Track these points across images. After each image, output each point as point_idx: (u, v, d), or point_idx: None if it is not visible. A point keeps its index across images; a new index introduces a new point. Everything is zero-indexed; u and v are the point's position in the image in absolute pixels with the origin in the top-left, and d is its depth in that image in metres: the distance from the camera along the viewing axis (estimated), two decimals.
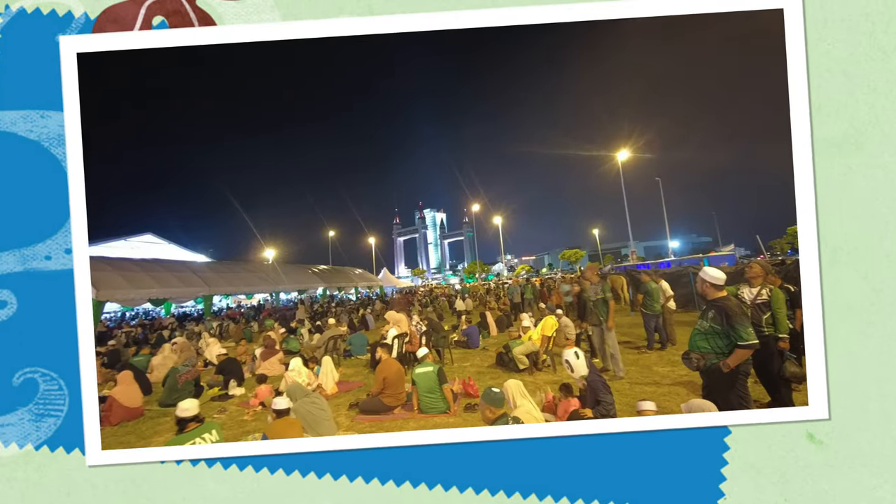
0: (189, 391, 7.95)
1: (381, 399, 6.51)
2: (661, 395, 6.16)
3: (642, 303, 9.32)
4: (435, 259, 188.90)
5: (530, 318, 10.37)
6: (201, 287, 21.42)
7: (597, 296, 7.61)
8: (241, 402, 7.84)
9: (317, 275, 33.74)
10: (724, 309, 4.14)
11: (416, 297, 31.93)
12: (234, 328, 18.17)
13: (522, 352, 8.26)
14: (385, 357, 7.08)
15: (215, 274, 23.95)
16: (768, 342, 4.90)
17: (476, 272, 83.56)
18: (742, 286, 5.40)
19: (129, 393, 7.34)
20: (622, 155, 35.62)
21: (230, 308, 35.53)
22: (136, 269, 19.81)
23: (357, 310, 24.72)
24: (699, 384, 4.64)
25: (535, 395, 5.54)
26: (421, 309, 22.46)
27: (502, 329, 13.50)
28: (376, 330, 16.65)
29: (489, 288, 40.15)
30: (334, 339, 10.80)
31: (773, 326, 5.03)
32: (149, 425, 6.93)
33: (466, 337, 11.58)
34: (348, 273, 40.17)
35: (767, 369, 4.96)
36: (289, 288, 30.18)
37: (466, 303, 22.54)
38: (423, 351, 6.95)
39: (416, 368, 6.49)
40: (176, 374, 8.10)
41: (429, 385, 6.30)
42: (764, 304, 5.12)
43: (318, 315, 22.66)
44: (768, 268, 5.45)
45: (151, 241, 44.09)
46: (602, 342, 7.62)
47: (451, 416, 6.15)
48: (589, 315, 7.83)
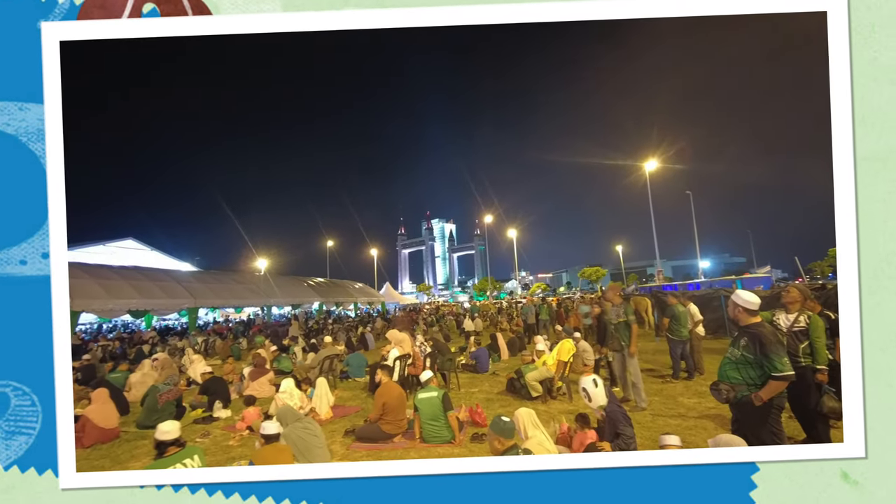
0: (170, 412, 7.96)
1: (380, 426, 6.51)
2: (687, 429, 6.13)
3: (668, 327, 9.30)
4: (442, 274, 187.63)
5: (545, 341, 10.35)
6: (186, 298, 21.53)
7: (619, 318, 7.60)
8: (226, 425, 7.86)
9: (313, 288, 33.80)
10: (757, 336, 4.13)
11: (420, 316, 31.93)
12: (221, 344, 18.21)
13: (536, 378, 8.25)
14: (385, 380, 7.09)
15: (202, 285, 24.08)
16: (805, 374, 4.87)
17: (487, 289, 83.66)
18: (778, 312, 5.39)
19: (103, 412, 7.37)
20: (650, 165, 35.76)
21: (217, 322, 35.67)
22: (115, 277, 19.96)
23: (356, 327, 24.74)
24: (728, 418, 4.62)
25: (549, 426, 5.54)
26: (426, 328, 22.43)
27: (514, 352, 13.48)
28: (376, 350, 16.64)
29: (501, 307, 40.11)
30: (330, 359, 10.81)
31: (810, 357, 5.00)
32: (125, 448, 6.95)
33: (475, 360, 11.57)
34: (347, 287, 40.25)
35: (803, 404, 4.94)
36: (282, 302, 30.26)
37: (476, 323, 22.54)
38: (427, 374, 6.95)
39: (419, 393, 6.49)
40: (156, 393, 8.12)
41: (432, 412, 6.29)
42: (801, 332, 5.10)
43: (313, 332, 22.68)
44: (807, 292, 5.43)
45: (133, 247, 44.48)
46: (623, 369, 7.61)
47: (455, 446, 6.14)
48: (609, 339, 7.81)
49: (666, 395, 8.00)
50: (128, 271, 21.50)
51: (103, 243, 42.98)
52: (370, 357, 13.13)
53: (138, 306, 19.03)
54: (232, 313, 41.62)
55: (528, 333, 17.49)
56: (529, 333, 17.40)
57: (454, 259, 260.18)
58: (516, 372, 8.80)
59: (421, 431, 6.35)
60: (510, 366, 11.46)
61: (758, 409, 4.04)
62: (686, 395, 7.94)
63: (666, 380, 9.06)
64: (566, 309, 24.57)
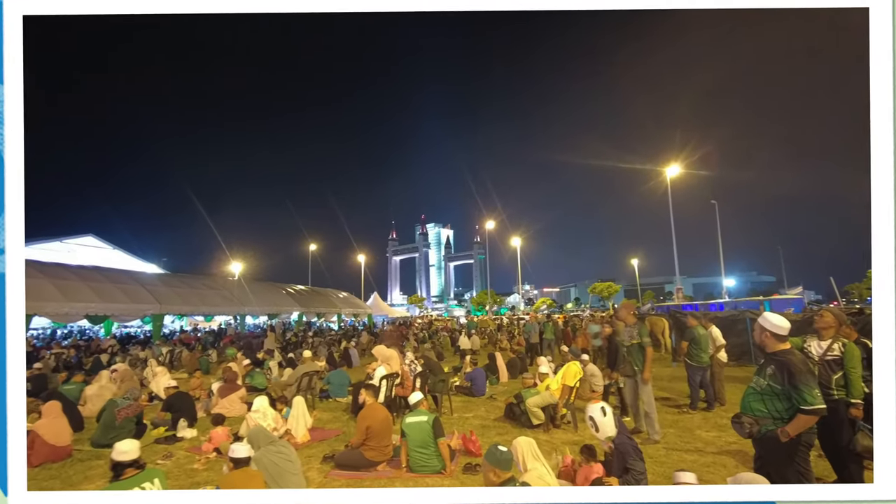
0: (129, 430, 7.94)
1: (363, 452, 6.48)
2: (704, 466, 6.13)
3: (687, 352, 9.31)
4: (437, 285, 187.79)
5: (549, 362, 10.35)
6: (150, 304, 21.50)
7: (632, 340, 7.60)
8: (191, 446, 7.82)
9: (292, 296, 33.77)
10: (786, 365, 4.12)
11: (411, 331, 31.92)
12: (188, 356, 18.19)
13: (538, 403, 8.25)
14: (370, 401, 7.07)
15: (168, 289, 24.06)
16: (838, 408, 4.87)
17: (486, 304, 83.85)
18: (810, 338, 5.39)
19: (55, 428, 7.33)
20: (672, 170, 35.89)
21: (184, 331, 35.60)
22: (72, 277, 19.93)
23: (339, 342, 24.70)
24: (751, 455, 4.62)
25: (551, 458, 5.52)
26: (417, 345, 22.41)
27: (515, 374, 13.48)
28: (361, 367, 16.61)
29: (501, 324, 40.12)
30: (309, 377, 10.78)
31: (844, 389, 5.00)
32: (77, 469, 6.91)
33: (470, 382, 11.57)
34: (330, 296, 40.21)
35: (835, 441, 4.94)
36: (257, 311, 30.21)
37: (473, 340, 22.51)
38: (416, 396, 6.93)
39: (407, 417, 6.47)
40: (114, 408, 8.09)
41: (421, 438, 6.27)
42: (835, 362, 5.10)
43: (291, 346, 22.65)
44: (842, 317, 5.44)
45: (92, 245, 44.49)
46: (635, 397, 7.60)
47: (446, 476, 6.11)
48: (621, 363, 7.81)
49: (682, 428, 8.00)
50: (86, 272, 21.48)
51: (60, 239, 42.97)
52: (354, 375, 13.11)
53: (97, 311, 19.00)
54: (201, 322, 41.58)
55: (530, 354, 17.51)
56: (532, 354, 17.42)
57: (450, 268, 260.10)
58: (516, 396, 8.78)
59: (408, 460, 6.33)
60: (509, 389, 11.45)
61: (784, 446, 4.03)
62: (704, 428, 7.94)
63: (683, 410, 9.07)
64: (574, 328, 24.64)
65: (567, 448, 6.52)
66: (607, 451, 5.20)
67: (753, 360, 14.12)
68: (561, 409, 8.40)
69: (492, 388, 11.97)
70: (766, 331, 4.30)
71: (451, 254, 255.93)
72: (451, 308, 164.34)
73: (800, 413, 3.94)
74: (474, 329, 29.24)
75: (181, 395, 9.12)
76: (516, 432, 7.82)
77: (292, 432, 7.83)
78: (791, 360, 4.10)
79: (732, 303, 26.95)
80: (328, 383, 11.65)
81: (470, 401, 10.81)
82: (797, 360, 4.12)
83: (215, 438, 7.40)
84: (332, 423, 9.13)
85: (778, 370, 4.11)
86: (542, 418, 8.19)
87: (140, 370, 14.52)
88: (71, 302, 17.98)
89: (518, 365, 14.15)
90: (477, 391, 11.33)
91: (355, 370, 16.31)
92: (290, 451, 5.65)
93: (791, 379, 4.00)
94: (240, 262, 56.29)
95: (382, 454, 6.53)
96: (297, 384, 10.52)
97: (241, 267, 55.54)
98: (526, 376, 9.93)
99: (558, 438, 7.63)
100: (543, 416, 8.18)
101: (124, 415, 8.07)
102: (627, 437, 5.16)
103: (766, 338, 4.32)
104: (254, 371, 13.35)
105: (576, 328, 24.55)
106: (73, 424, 7.94)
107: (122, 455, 4.15)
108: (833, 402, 4.78)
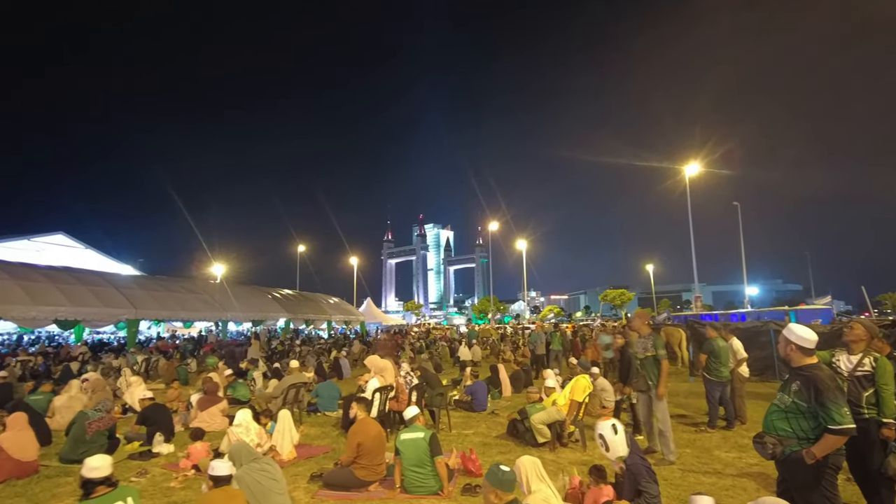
0: (100, 444, 7.93)
1: (354, 471, 6.48)
2: (723, 490, 6.13)
3: (705, 365, 9.30)
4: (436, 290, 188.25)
5: (556, 376, 10.38)
6: (125, 308, 21.49)
7: (646, 352, 7.60)
8: (168, 463, 7.83)
9: (278, 301, 33.73)
10: (812, 380, 4.10)
11: (407, 340, 31.92)
12: (166, 365, 18.18)
13: (543, 420, 8.24)
14: (362, 416, 7.07)
15: (145, 292, 24.03)
16: (868, 428, 4.86)
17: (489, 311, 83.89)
18: (839, 352, 5.39)
19: (20, 441, 7.33)
20: (691, 169, 35.84)
21: (161, 338, 35.59)
22: (40, 279, 19.93)
23: (328, 351, 24.71)
24: (773, 478, 4.62)
25: (557, 479, 5.53)
26: (413, 355, 22.41)
27: (519, 388, 13.49)
28: (352, 379, 16.63)
29: (504, 333, 40.12)
30: (296, 389, 10.79)
31: (875, 407, 4.98)
32: (44, 486, 6.91)
33: (470, 395, 11.57)
34: (320, 302, 40.20)
35: (865, 464, 4.93)
36: (240, 317, 30.18)
37: (474, 351, 22.52)
38: (412, 411, 6.93)
39: (402, 434, 6.47)
40: (84, 420, 8.09)
41: (417, 456, 6.27)
42: (865, 378, 5.09)
43: (277, 355, 22.63)
44: (874, 330, 5.43)
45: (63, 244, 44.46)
46: (649, 414, 7.60)
47: (443, 498, 6.11)
48: (634, 377, 7.82)
49: (699, 448, 8.00)
50: (56, 273, 21.48)
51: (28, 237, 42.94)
52: (344, 387, 13.12)
53: (67, 315, 19.00)
54: (180, 328, 41.59)
55: (535, 366, 17.51)
56: (538, 366, 17.42)
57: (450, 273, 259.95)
58: (520, 412, 8.79)
59: (402, 479, 6.33)
60: (513, 404, 11.46)
61: (809, 469, 4.03)
62: (724, 448, 7.95)
63: (700, 428, 9.06)
64: (583, 338, 24.68)
65: (575, 468, 6.52)
66: (618, 473, 5.20)
67: (777, 376, 14.14)
68: (568, 426, 8.40)
69: (494, 403, 11.98)
70: (792, 343, 4.28)
71: (450, 257, 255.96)
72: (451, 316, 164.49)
73: (827, 433, 3.93)
74: (475, 339, 29.27)
75: (157, 408, 9.11)
76: (520, 451, 7.82)
77: (277, 448, 7.83)
78: (818, 376, 4.09)
79: (755, 313, 26.98)
80: (317, 396, 11.65)
81: (470, 416, 10.82)
82: (825, 376, 4.10)
83: (194, 454, 7.40)
84: (320, 440, 9.14)
85: (804, 386, 4.09)
86: (547, 436, 8.18)
87: (113, 380, 14.51)
88: (39, 305, 17.98)
89: (522, 378, 14.15)
90: (478, 406, 11.33)
91: (346, 382, 16.33)
92: (274, 468, 5.65)
93: (818, 396, 3.98)
94: (222, 264, 56.34)
95: (375, 473, 6.53)
96: (283, 397, 10.53)
97: (224, 269, 55.59)
98: (531, 390, 9.93)
99: (565, 458, 7.63)
100: (549, 434, 8.18)
101: (95, 428, 8.06)
102: (640, 457, 5.15)
103: (791, 351, 4.30)
104: (236, 382, 13.36)
105: (585, 339, 24.59)
106: (39, 438, 7.93)
107: (92, 472, 4.15)
108: (863, 421, 4.77)
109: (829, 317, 23.51)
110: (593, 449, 7.47)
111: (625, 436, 5.10)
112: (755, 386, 12.30)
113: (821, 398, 3.92)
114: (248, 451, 5.68)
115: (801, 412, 4.06)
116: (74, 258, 40.10)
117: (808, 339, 4.20)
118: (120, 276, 28.26)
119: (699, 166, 35.68)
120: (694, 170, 35.16)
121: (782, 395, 4.25)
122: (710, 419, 9.15)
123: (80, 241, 45.70)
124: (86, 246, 45.88)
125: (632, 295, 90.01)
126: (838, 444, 3.91)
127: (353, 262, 67.97)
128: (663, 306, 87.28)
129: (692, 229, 33.87)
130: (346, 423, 8.95)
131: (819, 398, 3.93)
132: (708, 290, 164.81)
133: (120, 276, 28.26)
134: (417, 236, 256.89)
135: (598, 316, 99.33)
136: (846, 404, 3.94)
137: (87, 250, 45.70)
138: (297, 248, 66.57)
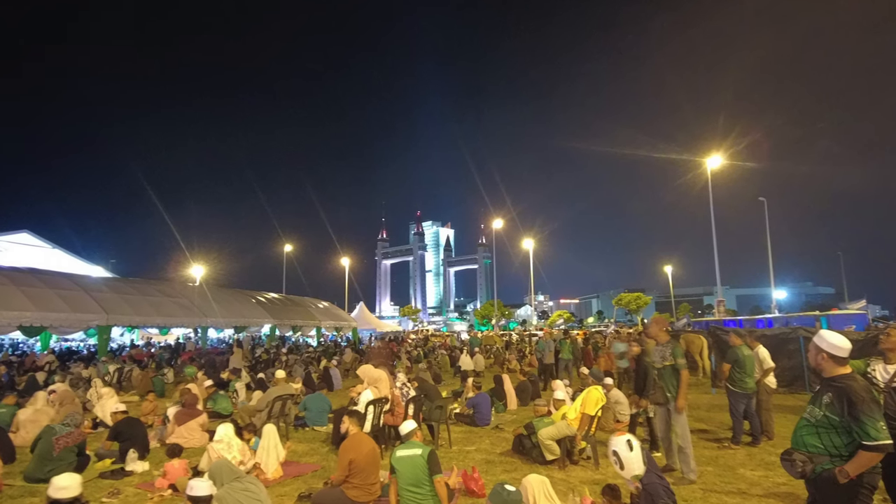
0: (69, 462, 7.93)
1: (345, 491, 6.48)
2: None
3: (729, 376, 9.30)
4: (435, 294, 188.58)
5: (566, 387, 10.37)
6: (96, 313, 21.44)
7: (664, 362, 7.59)
8: (142, 482, 7.82)
9: (263, 306, 33.71)
10: (845, 392, 4.09)
11: (403, 348, 31.89)
12: (140, 375, 18.17)
13: (552, 435, 8.24)
14: (354, 431, 7.06)
15: (117, 295, 24.00)
16: None
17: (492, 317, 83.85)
18: (874, 361, 5.39)
19: None
20: (713, 162, 35.89)
21: (135, 346, 35.54)
22: (3, 281, 19.90)
23: (318, 360, 24.70)
24: (803, 498, 4.62)
25: (567, 499, 5.53)
26: (410, 365, 22.43)
27: (525, 401, 13.48)
28: (344, 391, 16.62)
29: (510, 341, 40.11)
30: (282, 401, 10.79)
31: None
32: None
33: (472, 409, 11.57)
34: (308, 307, 40.15)
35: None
36: (221, 323, 30.11)
37: (476, 360, 22.53)
38: (408, 425, 6.91)
39: (398, 450, 6.45)
40: (51, 435, 8.08)
41: (414, 475, 6.26)
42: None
43: (262, 364, 22.65)
44: None
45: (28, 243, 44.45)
46: (667, 429, 7.60)
47: None
48: (651, 388, 7.82)
49: (722, 465, 8.01)
50: (20, 275, 21.45)
51: None
52: (335, 400, 13.12)
53: (32, 321, 18.97)
54: (155, 335, 41.55)
55: (543, 376, 17.50)
56: (546, 377, 17.41)
57: (450, 275, 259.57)
58: (527, 426, 8.79)
59: (398, 500, 6.33)
60: (519, 418, 11.47)
61: (842, 489, 4.02)
62: (749, 466, 7.95)
63: (723, 444, 9.07)
64: (595, 346, 24.64)
65: (586, 488, 6.53)
66: (633, 492, 5.20)
67: (807, 387, 14.15)
68: (579, 442, 8.40)
69: (498, 417, 11.98)
70: (823, 352, 4.26)
71: (451, 257, 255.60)
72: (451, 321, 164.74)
73: (861, 449, 3.92)
74: (478, 346, 29.28)
75: (131, 422, 9.11)
76: (526, 469, 7.82)
77: (262, 466, 7.84)
78: (852, 387, 4.07)
79: (783, 318, 26.95)
80: (305, 409, 11.64)
81: (472, 431, 10.82)
82: (859, 387, 4.09)
83: (171, 473, 7.40)
84: (308, 457, 9.14)
85: (836, 398, 4.08)
86: (556, 453, 8.18)
87: (83, 391, 14.52)
88: (1, 310, 17.96)
89: (529, 389, 14.14)
90: (480, 420, 11.33)
91: (337, 394, 16.33)
92: (258, 488, 5.65)
93: (851, 409, 3.97)
94: (202, 266, 56.43)
95: (368, 493, 6.53)
96: (269, 410, 10.52)
97: (204, 271, 55.67)
98: (538, 403, 9.94)
99: (576, 477, 7.63)
100: (559, 451, 8.18)
101: (63, 444, 8.06)
102: (658, 475, 5.16)
103: (822, 360, 4.28)
104: (217, 394, 13.36)
105: (598, 346, 24.57)
106: (3, 455, 7.93)
107: (60, 491, 4.15)
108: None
109: (863, 322, 23.50)
110: (606, 467, 7.47)
111: (641, 452, 5.10)
112: (783, 398, 12.30)
113: (855, 411, 3.90)
114: (229, 470, 5.69)
115: (833, 427, 4.04)
116: (40, 259, 40.03)
117: (840, 346, 4.18)
118: (90, 278, 28.22)
119: (722, 158, 35.72)
120: (716, 162, 35.18)
121: (813, 408, 4.23)
122: (734, 434, 9.15)
123: (47, 241, 45.65)
124: (53, 245, 45.85)
125: (648, 299, 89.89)
126: (874, 461, 3.90)
127: (344, 262, 68.24)
128: (683, 311, 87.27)
129: (714, 227, 33.94)
130: (336, 439, 8.95)
131: (853, 411, 3.91)
132: (731, 294, 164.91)
133: (90, 278, 28.22)
134: (414, 235, 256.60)
135: (611, 322, 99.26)
136: (882, 418, 3.92)
137: (55, 250, 45.67)
138: (284, 248, 66.68)
